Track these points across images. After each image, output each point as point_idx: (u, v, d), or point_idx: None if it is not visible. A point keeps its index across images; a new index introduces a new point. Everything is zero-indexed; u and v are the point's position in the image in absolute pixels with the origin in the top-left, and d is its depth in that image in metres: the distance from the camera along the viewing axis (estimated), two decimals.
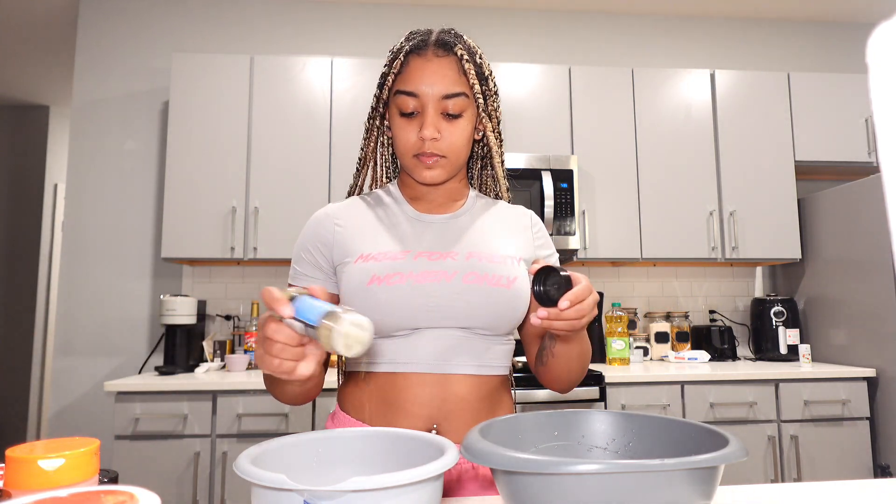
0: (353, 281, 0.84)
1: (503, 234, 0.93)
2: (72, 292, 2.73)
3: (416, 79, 0.85)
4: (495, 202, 0.99)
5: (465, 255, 0.86)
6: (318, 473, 0.60)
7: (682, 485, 0.46)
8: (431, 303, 0.82)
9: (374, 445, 0.62)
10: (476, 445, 0.52)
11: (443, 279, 0.83)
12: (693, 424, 0.60)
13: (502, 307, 0.84)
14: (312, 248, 0.90)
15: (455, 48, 0.87)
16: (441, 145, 0.85)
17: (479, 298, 0.83)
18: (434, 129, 0.84)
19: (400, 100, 0.86)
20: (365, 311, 0.82)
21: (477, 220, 0.93)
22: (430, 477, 0.47)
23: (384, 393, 0.84)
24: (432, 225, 0.91)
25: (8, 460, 0.45)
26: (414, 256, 0.85)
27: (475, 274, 0.84)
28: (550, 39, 3.19)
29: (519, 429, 0.64)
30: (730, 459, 0.47)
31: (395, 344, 0.84)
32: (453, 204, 0.95)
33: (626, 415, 0.66)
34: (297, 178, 2.56)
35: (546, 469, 0.46)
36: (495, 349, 0.87)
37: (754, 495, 0.70)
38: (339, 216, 0.91)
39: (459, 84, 0.86)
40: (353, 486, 0.44)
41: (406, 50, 0.87)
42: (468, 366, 0.84)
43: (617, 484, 0.45)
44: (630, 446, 0.65)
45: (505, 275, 0.85)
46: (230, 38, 2.98)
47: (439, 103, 0.85)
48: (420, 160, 0.86)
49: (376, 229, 0.89)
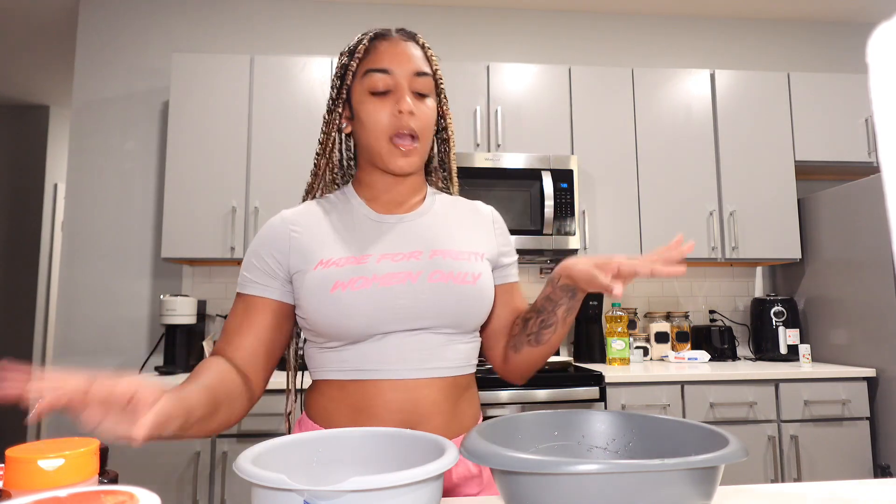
0: (314, 288, 0.81)
1: (465, 230, 0.91)
2: (72, 292, 2.73)
3: (387, 57, 0.85)
4: (453, 198, 0.97)
5: (429, 254, 0.85)
6: (318, 473, 0.60)
7: (682, 485, 0.46)
8: (398, 305, 0.80)
9: (374, 445, 0.62)
10: (476, 445, 0.52)
11: (408, 280, 0.81)
12: (693, 424, 0.60)
13: (468, 304, 0.83)
14: (266, 256, 0.86)
15: (416, 36, 0.90)
16: (417, 122, 0.85)
17: (445, 297, 0.82)
18: (411, 103, 0.84)
19: (370, 79, 0.85)
20: (330, 318, 0.80)
21: (438, 218, 0.91)
22: (429, 477, 0.47)
23: (354, 400, 0.82)
24: (393, 225, 0.88)
25: (8, 460, 0.45)
26: (377, 259, 0.83)
27: (440, 272, 0.83)
28: (550, 39, 3.19)
29: (519, 429, 0.64)
30: (730, 459, 0.47)
31: (363, 349, 0.81)
32: (412, 202, 0.92)
33: (626, 415, 0.66)
34: (297, 178, 2.56)
35: (546, 469, 0.46)
36: (462, 348, 0.86)
37: (754, 495, 0.70)
38: (295, 222, 0.88)
39: (426, 65, 0.88)
40: (352, 486, 0.44)
41: (370, 37, 0.88)
42: (438, 368, 0.83)
43: (617, 484, 0.45)
44: (630, 446, 0.65)
45: (470, 271, 0.84)
46: (230, 38, 2.98)
47: (411, 80, 0.85)
48: (396, 145, 0.84)
49: (335, 234, 0.86)
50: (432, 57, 0.89)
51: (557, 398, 2.20)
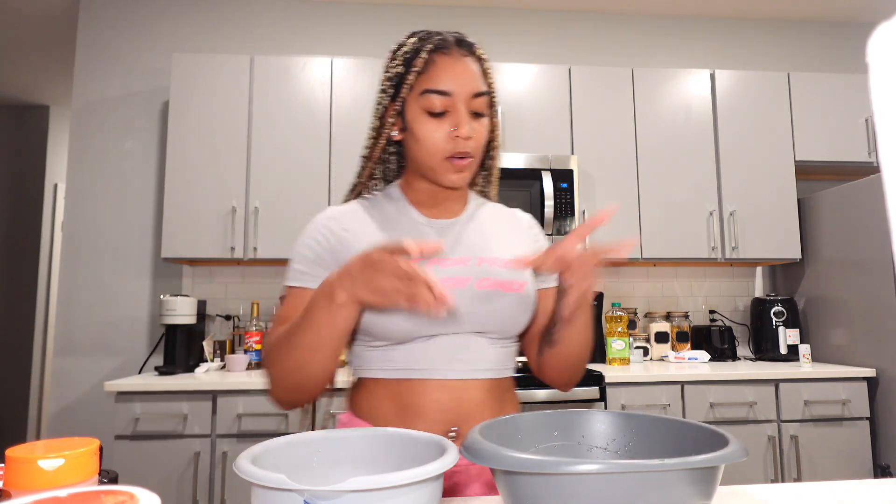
0: None
1: (507, 237, 0.94)
2: (72, 292, 2.73)
3: (447, 77, 0.83)
4: (493, 204, 1.00)
5: (477, 261, 0.87)
6: (319, 473, 0.60)
7: (682, 485, 0.46)
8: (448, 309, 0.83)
9: (374, 445, 0.62)
10: (476, 445, 0.52)
11: (457, 286, 0.83)
12: (693, 424, 0.60)
13: (515, 311, 0.85)
14: (319, 248, 0.87)
15: (474, 49, 0.88)
16: (472, 144, 0.85)
17: (493, 304, 0.84)
18: (470, 127, 0.84)
19: (428, 99, 0.83)
20: (380, 319, 0.81)
21: (483, 224, 0.94)
22: (429, 477, 0.47)
23: (400, 398, 0.84)
24: (441, 230, 0.90)
25: (8, 460, 0.45)
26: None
27: (488, 279, 0.85)
28: (550, 39, 3.19)
29: (519, 429, 0.64)
30: (730, 459, 0.47)
31: (410, 350, 0.83)
32: (457, 206, 0.94)
33: (626, 415, 0.66)
34: (297, 178, 2.56)
35: (546, 469, 0.46)
36: (505, 352, 0.88)
37: (754, 495, 0.70)
38: (344, 221, 0.89)
39: (484, 84, 0.87)
40: (352, 486, 0.44)
41: (429, 48, 0.85)
42: (483, 370, 0.85)
43: (617, 484, 0.45)
44: (630, 446, 0.65)
45: (517, 279, 0.86)
46: (230, 38, 2.98)
47: (469, 102, 0.84)
48: (452, 163, 0.85)
49: (385, 235, 0.88)
50: (489, 70, 0.88)
51: (557, 398, 2.20)
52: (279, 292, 2.82)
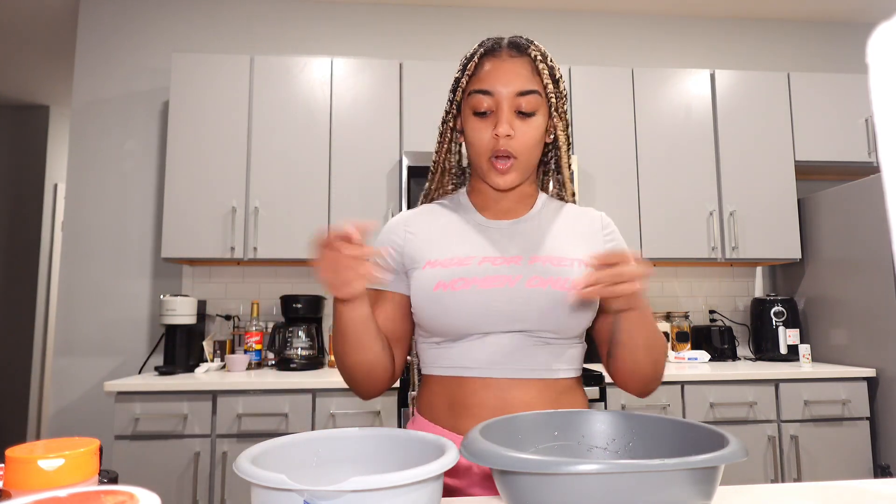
0: (421, 286, 0.86)
1: (570, 236, 0.92)
2: (72, 292, 2.73)
3: (490, 78, 0.86)
4: (564, 205, 0.98)
5: (529, 260, 0.87)
6: (319, 473, 0.60)
7: (683, 485, 0.46)
8: (495, 307, 0.83)
9: (374, 445, 0.62)
10: (476, 445, 0.52)
11: (506, 284, 0.84)
12: (693, 424, 0.60)
13: (567, 310, 0.84)
14: (385, 253, 0.93)
15: (528, 49, 0.88)
16: (514, 144, 0.85)
17: (542, 303, 0.83)
18: (508, 125, 0.84)
19: (474, 100, 0.87)
20: (432, 316, 0.84)
21: (544, 224, 0.93)
22: (429, 477, 0.47)
23: (451, 396, 0.86)
24: (498, 231, 0.91)
25: (8, 460, 0.45)
26: (478, 262, 0.86)
27: (538, 278, 0.84)
28: (550, 39, 3.19)
29: (519, 429, 0.64)
30: (730, 459, 0.47)
31: (462, 348, 0.85)
32: (522, 209, 0.95)
33: (625, 415, 0.66)
34: (297, 178, 2.56)
35: (546, 469, 0.46)
36: (562, 353, 0.87)
37: (754, 495, 0.70)
38: (410, 223, 0.94)
39: (533, 82, 0.87)
40: (352, 486, 0.44)
41: (480, 53, 0.88)
42: (533, 370, 0.84)
43: (617, 484, 0.45)
44: (630, 446, 0.65)
45: (569, 277, 0.85)
46: (230, 38, 2.98)
47: (513, 101, 0.85)
48: (494, 165, 0.86)
49: (444, 236, 0.91)
50: (544, 71, 0.87)
51: None
52: (279, 292, 2.82)
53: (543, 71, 0.87)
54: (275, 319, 2.79)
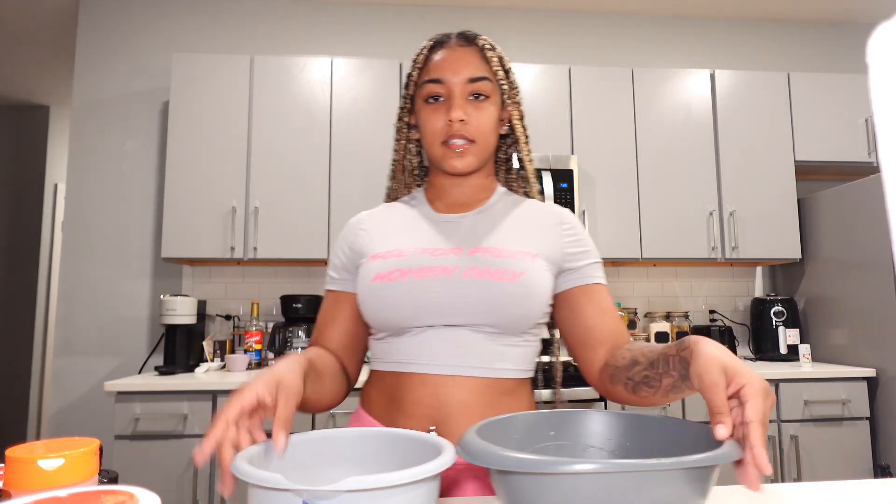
0: (362, 280, 0.85)
1: (522, 230, 0.88)
2: (72, 292, 2.73)
3: (440, 67, 0.87)
4: (524, 200, 0.95)
5: (470, 251, 0.84)
6: (316, 473, 0.60)
7: (678, 484, 0.46)
8: (430, 300, 0.80)
9: (371, 445, 0.62)
10: (473, 445, 0.52)
11: (442, 275, 0.81)
12: (688, 424, 0.60)
13: (505, 302, 0.79)
14: (341, 253, 0.94)
15: (477, 40, 0.90)
16: (469, 128, 0.85)
17: (478, 294, 0.80)
18: (461, 110, 0.85)
19: (426, 88, 0.88)
20: (369, 308, 0.84)
21: (495, 217, 0.90)
22: (426, 477, 0.47)
23: (391, 392, 0.85)
24: (445, 223, 0.90)
25: (8, 460, 0.45)
26: (416, 253, 0.85)
27: (476, 268, 0.81)
28: (550, 39, 3.19)
29: (515, 428, 0.64)
30: (725, 459, 0.47)
31: (403, 342, 0.84)
32: (475, 202, 0.93)
33: (621, 414, 0.66)
34: (297, 178, 2.56)
35: (542, 469, 0.46)
36: (507, 351, 0.83)
37: (754, 495, 0.70)
38: (364, 221, 0.94)
39: (483, 69, 0.88)
40: (349, 485, 0.44)
41: (429, 46, 0.91)
42: (471, 368, 0.81)
43: (613, 484, 0.45)
44: (626, 446, 0.65)
45: (511, 269, 0.80)
46: (230, 38, 2.98)
47: (465, 87, 0.86)
48: (449, 147, 0.86)
49: (392, 230, 0.90)
50: (493, 59, 0.88)
51: (558, 398, 2.20)
52: (279, 292, 2.82)
53: (493, 59, 0.89)
54: (275, 319, 2.79)
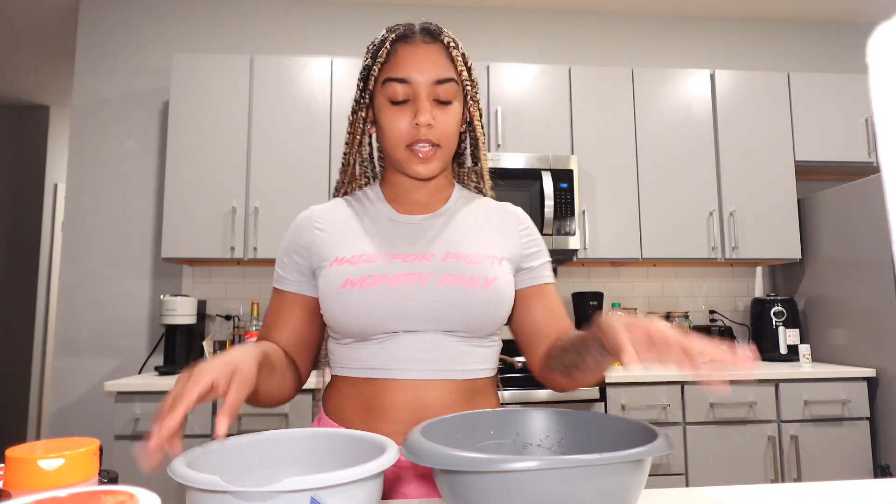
0: (328, 285, 0.82)
1: (485, 232, 0.89)
2: (72, 292, 2.73)
3: (406, 65, 0.83)
4: (480, 198, 0.96)
5: (442, 256, 0.84)
6: (259, 475, 0.59)
7: (615, 476, 0.49)
8: (407, 305, 0.80)
9: (316, 446, 0.61)
10: (416, 445, 0.52)
11: (417, 281, 0.81)
12: (622, 420, 0.63)
13: (480, 309, 0.81)
14: (294, 253, 0.89)
15: (441, 36, 0.86)
16: (435, 132, 0.83)
17: (455, 300, 0.80)
18: (429, 114, 0.82)
19: (389, 88, 0.83)
20: (339, 315, 0.81)
21: (458, 219, 0.90)
22: (367, 476, 0.46)
23: (365, 398, 0.83)
24: (410, 226, 0.88)
25: (8, 460, 0.45)
26: (389, 258, 0.83)
27: (451, 275, 0.81)
28: (550, 39, 3.19)
29: (457, 428, 0.66)
30: (657, 452, 0.50)
31: (374, 348, 0.82)
32: (435, 202, 0.92)
33: (558, 412, 0.69)
34: (297, 178, 2.56)
35: (486, 467, 0.47)
36: (477, 352, 0.85)
37: (754, 495, 0.70)
38: (319, 220, 0.89)
39: (449, 70, 0.84)
40: (287, 486, 0.43)
41: (391, 39, 0.85)
42: (449, 370, 0.82)
43: (554, 479, 0.47)
44: (563, 442, 0.68)
45: (483, 275, 0.82)
46: (230, 38, 2.98)
47: (430, 89, 0.83)
48: (413, 152, 0.83)
49: (354, 232, 0.87)
50: (458, 58, 0.85)
51: (557, 398, 2.20)
52: None
53: (458, 58, 0.85)
54: None
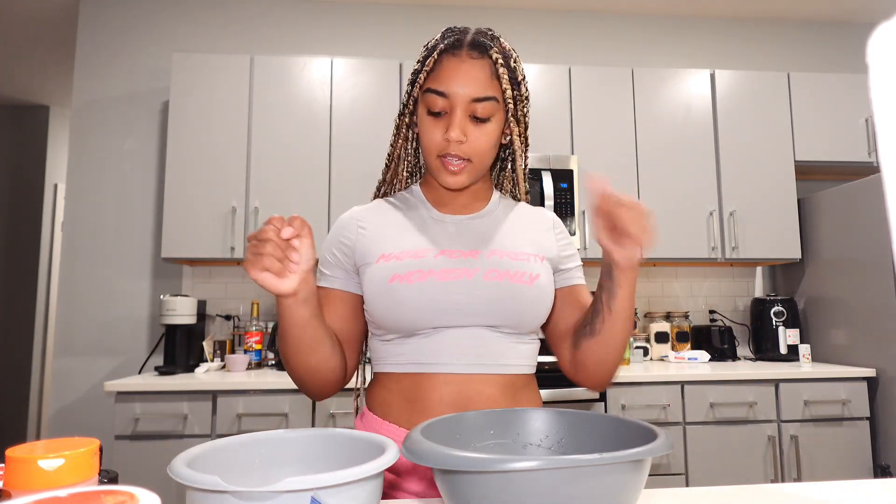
0: (375, 280, 0.84)
1: (526, 233, 0.93)
2: (72, 292, 2.73)
3: (447, 78, 0.84)
4: (517, 203, 0.99)
5: (487, 253, 0.86)
6: (260, 475, 0.59)
7: (615, 476, 0.49)
8: (453, 300, 0.82)
9: (316, 446, 0.62)
10: (416, 445, 0.52)
11: (464, 276, 0.83)
12: (622, 420, 0.63)
13: (524, 304, 0.84)
14: (336, 251, 0.91)
15: (490, 51, 0.85)
16: (466, 148, 0.84)
17: (500, 296, 0.83)
18: (460, 131, 0.83)
19: (429, 98, 0.85)
20: (387, 309, 0.82)
21: (500, 220, 0.93)
22: (367, 476, 0.46)
23: (410, 393, 0.84)
24: (455, 225, 0.91)
25: (8, 460, 0.45)
26: (435, 255, 0.85)
27: (496, 271, 0.84)
28: (550, 39, 3.19)
29: (458, 428, 0.66)
30: (655, 453, 0.49)
31: (419, 343, 0.83)
32: (476, 205, 0.95)
33: (558, 412, 0.69)
34: (297, 178, 2.56)
35: (485, 467, 0.47)
36: (520, 348, 0.87)
37: (754, 495, 0.70)
38: (362, 219, 0.92)
39: (491, 88, 0.84)
40: (287, 486, 0.43)
41: (440, 49, 0.85)
42: (493, 365, 0.84)
43: (554, 479, 0.47)
44: (562, 442, 0.68)
45: (527, 272, 0.85)
46: (230, 38, 2.98)
47: (468, 105, 0.83)
48: (444, 163, 0.85)
49: (399, 230, 0.89)
50: (504, 75, 0.85)
51: (557, 398, 2.20)
52: None
53: (503, 75, 0.85)
54: (275, 319, 2.79)
